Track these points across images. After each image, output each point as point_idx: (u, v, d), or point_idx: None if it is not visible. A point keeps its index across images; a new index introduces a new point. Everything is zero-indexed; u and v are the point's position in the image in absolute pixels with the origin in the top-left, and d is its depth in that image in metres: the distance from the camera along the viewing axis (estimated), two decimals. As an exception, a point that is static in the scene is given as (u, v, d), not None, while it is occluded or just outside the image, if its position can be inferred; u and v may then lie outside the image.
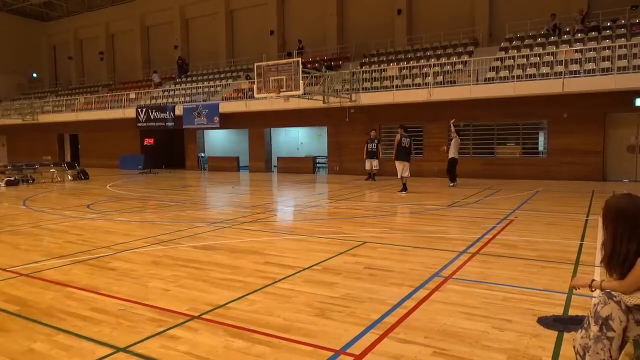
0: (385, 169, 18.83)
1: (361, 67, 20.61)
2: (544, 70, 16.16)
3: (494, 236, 7.06)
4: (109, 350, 3.38)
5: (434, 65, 18.55)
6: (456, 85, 17.19)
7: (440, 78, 17.98)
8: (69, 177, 19.68)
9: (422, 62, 19.55)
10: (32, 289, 4.88)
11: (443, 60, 19.30)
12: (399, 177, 12.98)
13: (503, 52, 18.31)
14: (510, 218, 8.66)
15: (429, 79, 17.76)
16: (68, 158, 29.38)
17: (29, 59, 37.22)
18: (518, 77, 16.16)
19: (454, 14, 21.80)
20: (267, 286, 4.81)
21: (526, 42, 18.67)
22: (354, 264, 5.61)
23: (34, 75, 38.16)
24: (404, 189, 12.87)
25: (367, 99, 18.78)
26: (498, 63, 17.59)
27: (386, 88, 18.79)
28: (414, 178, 17.47)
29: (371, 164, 16.89)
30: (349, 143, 20.05)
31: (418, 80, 18.50)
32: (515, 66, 16.84)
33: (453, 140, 14.58)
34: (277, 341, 3.49)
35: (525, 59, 17.10)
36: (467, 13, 21.62)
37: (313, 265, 5.56)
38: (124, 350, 3.39)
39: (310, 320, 3.88)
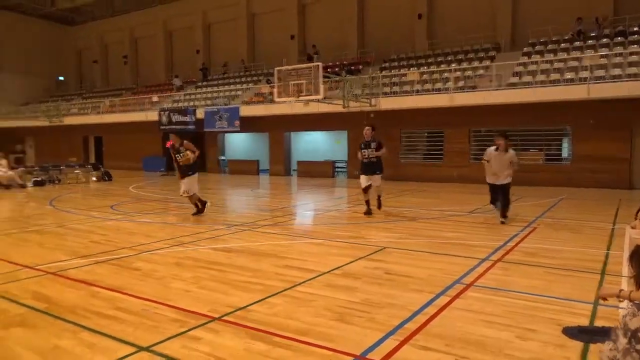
0: (404, 172, 18.75)
1: (381, 72, 20.57)
2: (569, 75, 15.88)
3: (517, 244, 6.96)
4: (131, 349, 3.44)
5: (455, 70, 18.40)
6: (478, 91, 17.01)
7: (461, 83, 17.83)
8: (94, 179, 20.09)
9: (443, 66, 19.42)
10: (58, 287, 4.99)
11: (464, 65, 19.14)
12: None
13: (526, 57, 18.07)
14: (533, 225, 8.52)
15: (450, 84, 17.63)
16: (92, 159, 29.97)
17: (56, 63, 38.21)
18: (541, 82, 15.92)
19: (475, 19, 21.61)
20: (286, 289, 4.83)
21: (550, 47, 18.40)
22: (374, 269, 5.59)
23: (61, 78, 39.13)
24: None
25: (387, 103, 18.72)
26: (521, 68, 17.37)
27: (406, 93, 18.71)
28: (433, 183, 17.36)
29: (368, 182, 10.03)
30: (369, 148, 19.96)
31: (439, 85, 18.38)
32: (539, 71, 16.60)
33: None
34: (297, 345, 3.50)
35: (549, 64, 16.84)
36: (489, 17, 21.42)
37: (333, 270, 5.56)
38: (147, 349, 3.44)
39: (329, 325, 3.88)
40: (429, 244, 7.06)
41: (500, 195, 8.77)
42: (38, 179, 18.00)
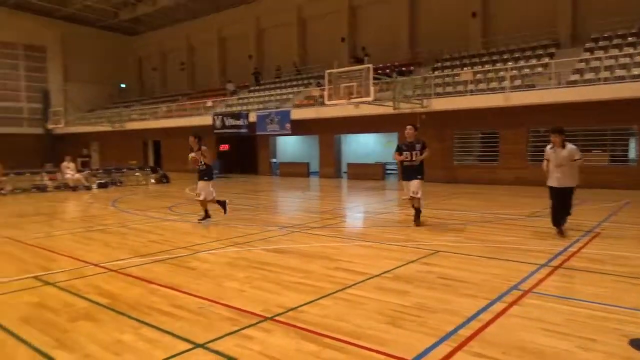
0: (457, 174, 18.30)
1: (433, 72, 20.20)
2: (635, 71, 14.94)
3: (579, 249, 6.62)
4: (188, 346, 3.57)
5: (512, 68, 17.76)
6: (535, 89, 16.34)
7: (517, 82, 17.19)
8: (152, 181, 20.97)
9: (499, 65, 18.80)
10: (120, 284, 5.26)
11: (521, 63, 18.44)
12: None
13: (588, 53, 17.17)
14: (597, 231, 8.08)
15: (506, 83, 17.04)
16: (151, 163, 31.30)
17: (118, 71, 40.40)
18: (605, 79, 15.07)
19: (533, 14, 20.78)
20: (337, 291, 4.84)
21: (614, 41, 17.39)
22: (427, 273, 5.49)
23: (123, 85, 41.29)
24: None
25: (439, 104, 18.35)
26: (583, 65, 16.53)
27: (460, 93, 18.27)
28: (488, 186, 16.82)
29: (409, 189, 8.95)
30: (420, 149, 19.65)
31: (494, 84, 17.81)
32: (602, 68, 15.72)
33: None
34: (348, 347, 3.50)
35: (613, 60, 15.92)
36: (548, 13, 20.53)
37: (383, 273, 5.52)
38: (202, 346, 3.55)
39: (381, 328, 3.85)
40: (484, 248, 6.85)
41: (562, 201, 7.77)
42: (102, 181, 19.06)
